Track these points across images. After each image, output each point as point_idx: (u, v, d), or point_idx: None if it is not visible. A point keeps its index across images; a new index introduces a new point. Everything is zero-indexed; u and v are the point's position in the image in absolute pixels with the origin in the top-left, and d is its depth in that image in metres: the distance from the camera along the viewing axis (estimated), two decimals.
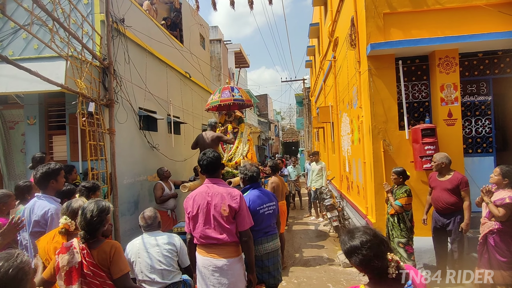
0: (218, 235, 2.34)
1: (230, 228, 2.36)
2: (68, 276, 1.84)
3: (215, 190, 2.42)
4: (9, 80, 4.10)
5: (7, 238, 2.22)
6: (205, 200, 2.40)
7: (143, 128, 5.78)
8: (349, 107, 6.09)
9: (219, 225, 2.35)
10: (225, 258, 2.36)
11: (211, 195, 2.40)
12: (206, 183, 2.50)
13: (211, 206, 2.37)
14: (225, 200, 2.35)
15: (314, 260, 5.24)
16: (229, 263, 2.37)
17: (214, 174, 2.53)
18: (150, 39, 6.15)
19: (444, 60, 4.42)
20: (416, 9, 4.45)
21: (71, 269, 1.85)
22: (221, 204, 2.35)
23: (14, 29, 4.77)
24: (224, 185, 2.49)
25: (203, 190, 2.45)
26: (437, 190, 3.77)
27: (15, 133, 5.38)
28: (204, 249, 2.42)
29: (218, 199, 2.37)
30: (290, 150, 35.72)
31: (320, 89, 11.09)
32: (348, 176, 6.74)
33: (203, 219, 2.38)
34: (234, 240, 2.39)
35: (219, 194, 2.39)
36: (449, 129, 4.41)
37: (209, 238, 2.36)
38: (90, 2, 4.78)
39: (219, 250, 2.37)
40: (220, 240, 2.34)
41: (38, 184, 2.61)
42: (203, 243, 2.40)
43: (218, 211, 2.35)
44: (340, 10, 6.47)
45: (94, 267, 1.90)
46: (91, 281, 1.88)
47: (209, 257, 2.37)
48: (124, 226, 4.92)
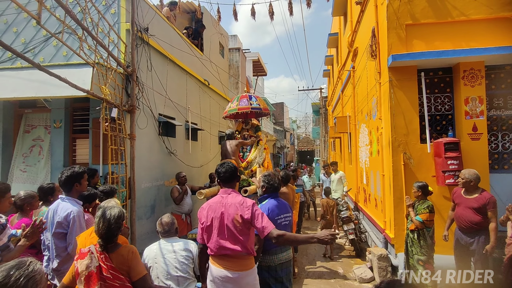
0: (232, 246, 2.33)
1: (243, 239, 2.34)
2: (87, 281, 1.88)
3: (229, 200, 2.42)
4: (40, 85, 4.30)
5: (31, 239, 2.30)
6: (219, 210, 2.40)
7: (162, 134, 5.90)
8: (368, 118, 6.00)
9: (232, 236, 2.34)
10: (239, 270, 2.34)
11: (225, 205, 2.40)
12: (221, 193, 2.52)
13: (224, 216, 2.37)
14: (238, 211, 2.35)
15: (329, 273, 5.11)
16: (242, 275, 2.35)
17: (229, 184, 2.54)
18: (172, 47, 6.32)
19: (469, 73, 4.29)
20: (440, 20, 4.37)
21: (90, 274, 1.89)
22: (234, 214, 2.35)
23: (45, 37, 5.03)
24: (238, 196, 2.49)
25: (218, 200, 2.46)
26: (461, 207, 3.62)
27: (28, 137, 5.49)
28: (217, 260, 2.40)
29: (232, 210, 2.37)
30: (305, 159, 35.42)
31: (338, 99, 11.00)
32: (365, 188, 6.60)
33: (217, 230, 2.37)
34: (247, 252, 2.37)
35: (233, 204, 2.39)
36: (473, 143, 4.25)
37: (223, 249, 2.35)
38: (117, 12, 4.98)
39: (233, 262, 2.35)
40: (234, 251, 2.33)
41: (62, 187, 2.69)
42: (217, 254, 2.39)
43: (231, 222, 2.35)
44: (361, 20, 6.44)
45: (113, 270, 1.94)
46: (111, 284, 1.92)
47: (223, 268, 2.35)
48: (140, 229, 4.99)
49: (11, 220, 2.97)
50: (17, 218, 2.93)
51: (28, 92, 4.38)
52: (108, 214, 2.02)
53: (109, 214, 2.02)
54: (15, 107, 5.51)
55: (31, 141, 5.48)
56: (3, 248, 2.25)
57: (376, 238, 5.42)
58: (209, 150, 8.41)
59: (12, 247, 2.32)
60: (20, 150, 5.45)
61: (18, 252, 2.25)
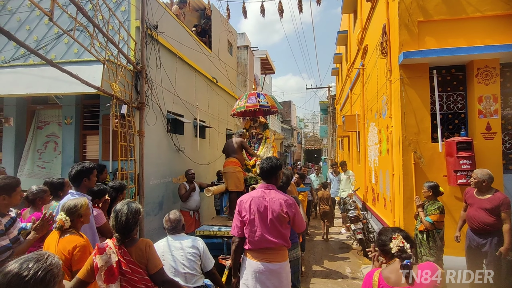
0: (275, 239, 2.41)
1: (285, 233, 2.46)
2: (107, 275, 1.91)
3: (273, 196, 2.48)
4: (51, 81, 4.37)
5: (41, 232, 2.35)
6: (262, 204, 2.45)
7: (170, 131, 5.93)
8: (378, 117, 5.92)
9: (276, 230, 2.42)
10: (279, 262, 2.44)
11: (269, 201, 2.46)
12: (261, 188, 2.56)
13: (268, 211, 2.43)
14: (283, 207, 2.42)
15: (336, 273, 5.08)
16: (283, 266, 2.46)
17: (271, 180, 2.58)
18: (181, 45, 6.34)
19: (483, 70, 4.19)
20: (454, 17, 4.26)
21: (110, 268, 1.92)
22: (279, 210, 2.41)
23: (57, 34, 5.10)
24: (280, 192, 2.54)
25: (259, 195, 2.50)
26: (473, 208, 3.54)
27: (41, 133, 5.61)
28: (256, 254, 2.45)
29: (277, 206, 2.43)
30: (312, 157, 35.24)
31: (346, 97, 10.89)
32: (374, 187, 6.52)
33: (262, 223, 2.43)
34: (285, 245, 2.48)
35: (277, 200, 2.45)
36: (487, 143, 4.15)
37: (267, 242, 2.41)
38: (127, 9, 5.01)
39: (274, 255, 2.43)
40: (276, 244, 2.41)
41: (72, 181, 2.73)
42: (257, 248, 2.44)
43: (276, 217, 2.41)
44: (371, 17, 6.34)
45: (132, 265, 1.98)
46: (131, 278, 1.96)
47: (265, 261, 2.41)
48: (148, 226, 5.04)
49: (23, 214, 3.02)
50: (29, 212, 2.98)
51: (41, 89, 4.45)
52: (126, 209, 2.05)
53: (127, 209, 2.05)
54: (27, 103, 5.62)
55: (44, 137, 5.59)
56: (14, 240, 2.29)
57: None
58: (217, 148, 8.42)
59: (22, 240, 2.37)
60: (34, 146, 5.56)
61: (28, 245, 2.29)
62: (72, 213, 2.22)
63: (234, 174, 5.09)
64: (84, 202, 2.31)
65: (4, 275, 1.08)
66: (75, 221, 2.24)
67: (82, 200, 2.33)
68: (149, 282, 2.03)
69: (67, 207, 2.23)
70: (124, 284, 1.96)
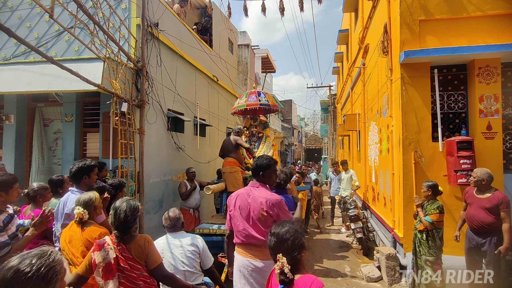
0: (258, 235, 2.40)
1: (267, 231, 2.39)
2: (105, 272, 1.92)
3: (256, 194, 2.48)
4: (52, 79, 4.37)
5: (39, 229, 2.37)
6: (245, 201, 2.48)
7: (170, 129, 5.93)
8: (378, 116, 5.91)
9: (257, 227, 2.42)
10: (263, 259, 2.40)
11: (251, 198, 2.47)
12: (250, 185, 2.59)
13: (250, 208, 2.45)
14: (263, 206, 2.40)
15: (336, 272, 5.08)
16: (267, 265, 2.41)
17: (259, 178, 2.58)
18: (181, 43, 6.33)
19: (484, 70, 4.18)
20: (455, 16, 4.25)
21: (108, 265, 1.93)
22: (259, 209, 2.41)
23: (58, 31, 5.09)
24: (266, 191, 2.53)
25: (245, 192, 2.54)
26: (473, 207, 3.54)
27: (48, 130, 5.70)
28: (243, 249, 2.47)
29: (257, 204, 2.42)
30: (312, 156, 35.23)
31: (347, 96, 10.87)
32: (374, 186, 6.52)
33: (244, 219, 2.46)
34: None
35: (258, 199, 2.44)
36: (488, 142, 4.14)
37: (249, 237, 2.42)
38: (128, 7, 5.00)
39: (258, 252, 2.42)
40: (260, 240, 2.40)
41: (72, 178, 2.74)
42: (243, 242, 2.45)
43: (257, 215, 2.41)
44: (372, 16, 6.33)
45: (131, 261, 1.99)
46: (129, 274, 1.97)
47: (248, 258, 2.42)
48: (148, 223, 5.05)
49: (24, 211, 3.03)
50: (29, 209, 2.99)
51: (41, 86, 4.45)
52: (124, 206, 2.06)
53: (125, 206, 2.06)
54: (28, 100, 5.62)
55: (52, 134, 5.66)
56: (12, 237, 2.31)
57: (385, 237, 5.36)
58: (217, 146, 8.38)
59: (20, 236, 2.39)
60: (45, 143, 5.63)
61: (26, 241, 2.32)
62: (89, 206, 2.36)
63: (231, 175, 5.11)
64: (96, 195, 2.46)
65: (7, 271, 1.08)
66: (91, 213, 2.39)
67: (94, 193, 2.47)
68: (148, 278, 2.04)
69: (82, 201, 2.37)
70: (122, 280, 1.97)
